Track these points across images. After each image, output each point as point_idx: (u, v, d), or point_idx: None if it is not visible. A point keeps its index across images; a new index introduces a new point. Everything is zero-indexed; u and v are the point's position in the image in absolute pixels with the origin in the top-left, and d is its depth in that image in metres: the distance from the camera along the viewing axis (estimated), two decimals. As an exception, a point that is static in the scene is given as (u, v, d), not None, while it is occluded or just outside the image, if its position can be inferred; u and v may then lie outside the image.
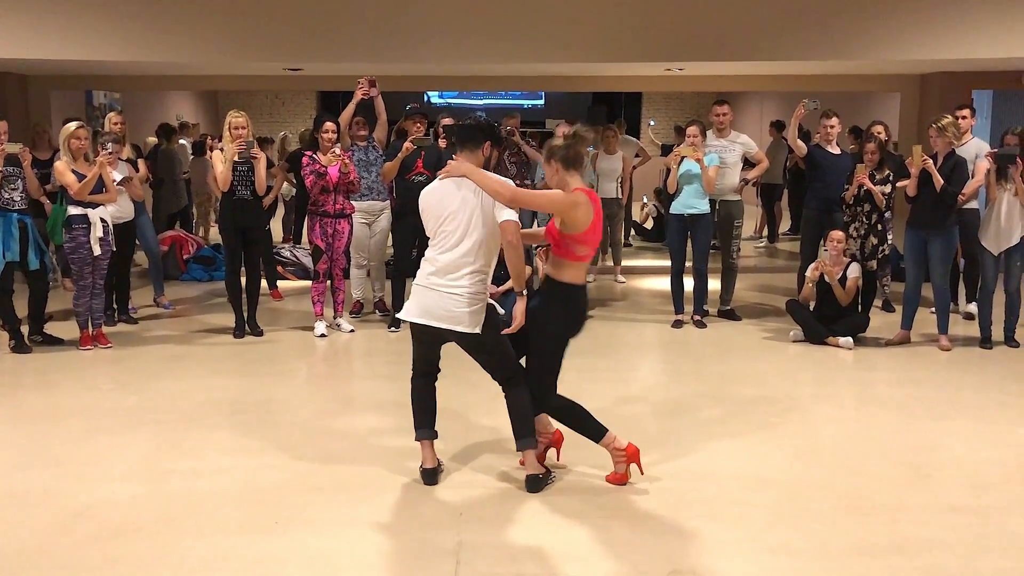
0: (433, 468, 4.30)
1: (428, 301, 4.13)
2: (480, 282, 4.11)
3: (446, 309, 4.09)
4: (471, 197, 4.06)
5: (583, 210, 4.03)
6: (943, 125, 6.59)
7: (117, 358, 6.64)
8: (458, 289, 4.07)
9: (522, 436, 4.22)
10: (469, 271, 4.07)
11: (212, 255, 9.94)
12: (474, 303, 4.09)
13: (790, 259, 12.15)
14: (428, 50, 8.91)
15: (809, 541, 3.68)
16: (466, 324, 4.08)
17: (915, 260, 6.85)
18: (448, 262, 4.09)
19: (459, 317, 4.08)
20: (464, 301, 4.07)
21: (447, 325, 4.10)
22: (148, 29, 8.69)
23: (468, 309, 4.07)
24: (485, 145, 4.19)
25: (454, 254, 4.08)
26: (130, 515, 3.93)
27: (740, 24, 8.78)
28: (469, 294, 4.07)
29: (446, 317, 4.09)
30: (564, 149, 4.11)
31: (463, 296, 4.07)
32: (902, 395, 5.75)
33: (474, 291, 4.08)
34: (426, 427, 4.34)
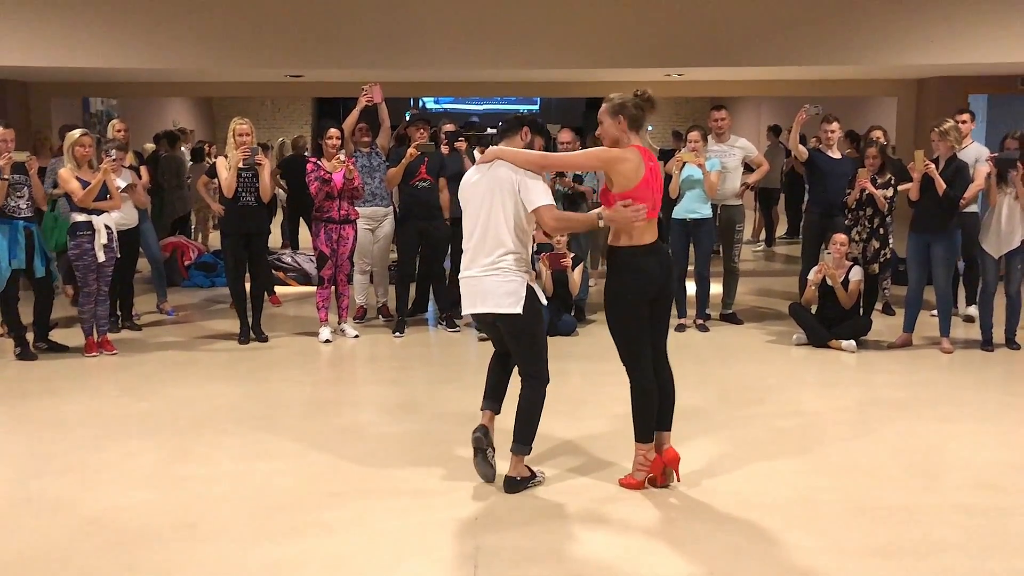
0: (482, 434, 4.28)
1: (469, 289, 4.21)
2: (515, 263, 4.13)
3: (485, 292, 4.15)
4: (495, 182, 4.13)
5: (631, 165, 4.04)
6: (945, 129, 6.65)
7: (123, 365, 6.64)
8: (494, 271, 4.13)
9: (519, 440, 4.24)
10: (501, 253, 4.11)
11: (213, 261, 9.95)
12: (510, 284, 4.11)
13: (787, 263, 12.23)
14: (427, 56, 8.93)
15: (824, 543, 3.71)
16: (505, 305, 4.11)
17: (917, 263, 6.90)
18: (480, 247, 4.16)
19: (498, 299, 4.13)
20: (500, 282, 4.11)
21: (488, 308, 4.17)
22: (149, 36, 8.69)
23: (505, 290, 4.11)
24: (523, 131, 4.25)
25: (485, 238, 4.14)
26: (147, 522, 3.94)
27: (739, 29, 8.83)
28: (504, 275, 4.11)
29: (486, 301, 4.15)
30: (635, 109, 4.12)
31: (498, 277, 4.11)
32: (907, 397, 5.79)
33: (509, 272, 4.11)
34: (487, 399, 4.39)
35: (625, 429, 5.05)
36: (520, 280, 4.13)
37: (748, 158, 7.91)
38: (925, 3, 8.70)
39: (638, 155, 4.08)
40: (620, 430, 5.12)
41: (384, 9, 8.81)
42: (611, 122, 4.14)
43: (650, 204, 4.10)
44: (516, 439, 4.26)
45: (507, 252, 4.12)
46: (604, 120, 4.19)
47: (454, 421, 5.28)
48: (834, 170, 7.64)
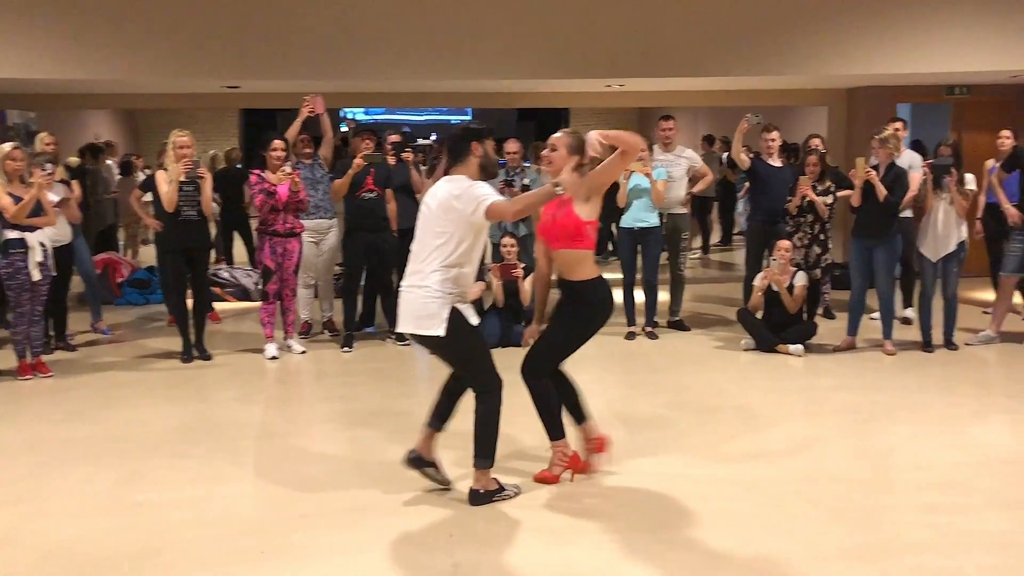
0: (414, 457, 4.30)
1: (401, 305, 4.15)
2: (442, 282, 4.03)
3: (406, 312, 4.10)
4: (443, 194, 4.09)
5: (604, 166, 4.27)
6: (885, 137, 6.83)
7: (60, 387, 6.37)
8: (417, 288, 4.06)
9: (483, 454, 4.20)
10: (433, 269, 4.03)
11: (148, 278, 9.64)
12: (430, 305, 4.01)
13: (724, 269, 12.45)
14: (365, 67, 8.83)
15: (800, 547, 3.74)
16: (424, 327, 4.04)
17: (860, 268, 7.07)
18: (413, 259, 4.14)
19: (417, 320, 4.06)
20: (421, 302, 4.03)
21: (409, 328, 4.12)
22: (75, 46, 8.41)
23: (426, 311, 4.02)
24: (473, 147, 4.15)
25: (424, 252, 4.10)
26: (106, 552, 3.76)
27: (677, 42, 8.96)
28: (426, 294, 4.02)
29: (407, 321, 4.11)
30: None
31: (420, 296, 4.04)
32: (858, 400, 5.91)
33: (431, 291, 4.02)
34: (431, 416, 4.37)
35: (572, 438, 5.06)
36: (441, 301, 4.02)
37: (693, 168, 8.01)
38: (856, 16, 8.95)
39: None
40: (577, 441, 5.10)
41: (320, 21, 8.69)
42: (566, 155, 4.29)
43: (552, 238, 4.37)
44: (476, 453, 4.21)
45: (435, 270, 4.03)
46: (560, 148, 4.30)
47: (414, 437, 5.19)
48: (775, 178, 7.79)
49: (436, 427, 4.36)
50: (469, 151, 4.14)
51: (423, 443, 4.33)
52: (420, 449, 4.33)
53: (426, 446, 4.34)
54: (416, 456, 4.32)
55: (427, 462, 4.33)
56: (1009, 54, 8.94)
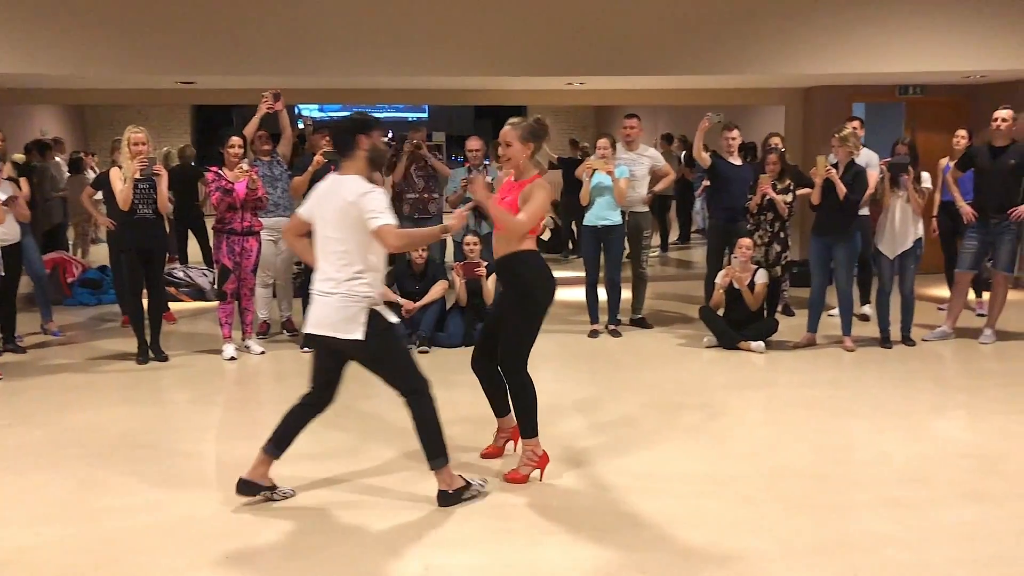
0: (247, 484, 4.13)
1: (315, 309, 4.03)
2: (359, 286, 3.95)
3: (326, 316, 3.97)
4: (341, 200, 3.92)
5: (547, 192, 4.40)
6: (845, 135, 6.91)
7: (10, 390, 6.17)
8: (334, 292, 3.96)
9: (434, 455, 4.09)
10: (347, 277, 3.93)
11: (99, 278, 9.42)
12: (348, 309, 3.93)
13: (682, 267, 12.53)
14: (322, 63, 8.72)
15: (770, 543, 3.75)
16: (343, 330, 3.94)
17: (820, 266, 7.14)
18: (326, 266, 4.00)
19: (335, 324, 3.95)
20: (339, 306, 3.94)
21: (324, 331, 3.98)
22: (24, 40, 8.18)
23: (343, 315, 3.93)
24: (359, 140, 4.00)
25: (331, 259, 3.98)
26: (65, 561, 3.64)
27: (638, 39, 8.98)
28: (344, 299, 3.93)
29: (327, 324, 3.97)
30: (540, 138, 4.43)
31: (338, 301, 3.94)
32: (820, 396, 5.97)
33: (353, 295, 3.94)
34: (274, 443, 4.16)
35: (555, 440, 5.05)
36: (359, 306, 3.94)
37: (655, 167, 8.03)
38: (813, 16, 9.06)
39: (544, 182, 4.42)
40: (550, 441, 5.08)
41: (276, 16, 8.56)
42: (521, 146, 4.35)
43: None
44: (429, 456, 4.11)
45: (348, 277, 3.93)
46: (513, 142, 4.34)
47: (378, 437, 5.14)
48: (736, 176, 7.84)
49: (275, 454, 4.16)
50: (356, 144, 3.99)
51: (257, 467, 4.14)
52: (252, 475, 4.14)
53: (261, 471, 4.15)
54: (244, 484, 4.13)
55: (261, 487, 4.16)
56: (962, 55, 9.11)
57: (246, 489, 4.14)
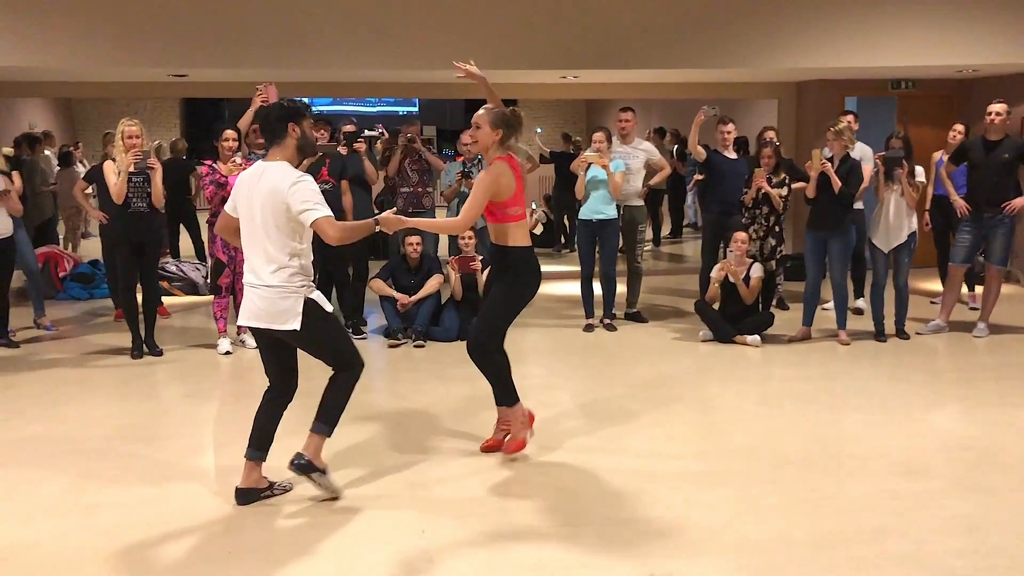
0: (248, 491, 4.11)
1: (247, 301, 4.00)
2: (290, 276, 3.91)
3: (259, 309, 3.95)
4: (266, 196, 3.88)
5: (507, 178, 4.41)
6: (840, 129, 6.92)
7: (3, 385, 6.13)
8: (268, 286, 3.92)
9: (324, 421, 4.11)
10: (274, 268, 3.90)
11: (91, 272, 9.36)
12: (285, 300, 3.91)
13: (675, 261, 12.54)
14: (315, 56, 8.66)
15: (771, 536, 3.76)
16: (279, 322, 3.92)
17: (815, 260, 7.16)
18: (257, 257, 3.95)
19: (271, 316, 3.93)
20: (275, 299, 3.91)
21: (263, 324, 3.96)
22: (13, 32, 8.09)
23: (280, 307, 3.91)
24: (290, 128, 3.94)
25: (262, 250, 3.93)
26: (64, 555, 3.62)
27: (632, 33, 8.96)
28: (278, 292, 3.90)
29: (260, 317, 3.95)
30: (512, 127, 4.48)
31: (274, 294, 3.91)
32: (816, 389, 5.98)
33: (287, 286, 3.91)
34: (253, 446, 4.11)
35: (553, 432, 5.05)
36: (295, 296, 3.91)
37: (651, 161, 8.03)
38: (806, 10, 9.05)
39: (506, 165, 4.43)
40: (542, 434, 5.08)
41: (269, 8, 8.49)
42: (490, 131, 4.46)
43: (523, 204, 4.55)
44: (320, 419, 4.10)
45: (280, 267, 3.90)
46: (483, 126, 4.48)
47: (376, 430, 5.13)
48: (731, 170, 7.84)
49: (261, 458, 4.15)
50: (286, 132, 3.94)
51: (250, 473, 4.13)
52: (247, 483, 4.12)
53: (254, 477, 4.13)
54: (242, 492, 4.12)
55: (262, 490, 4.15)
56: (954, 49, 9.13)
57: (245, 498, 4.09)
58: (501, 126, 4.46)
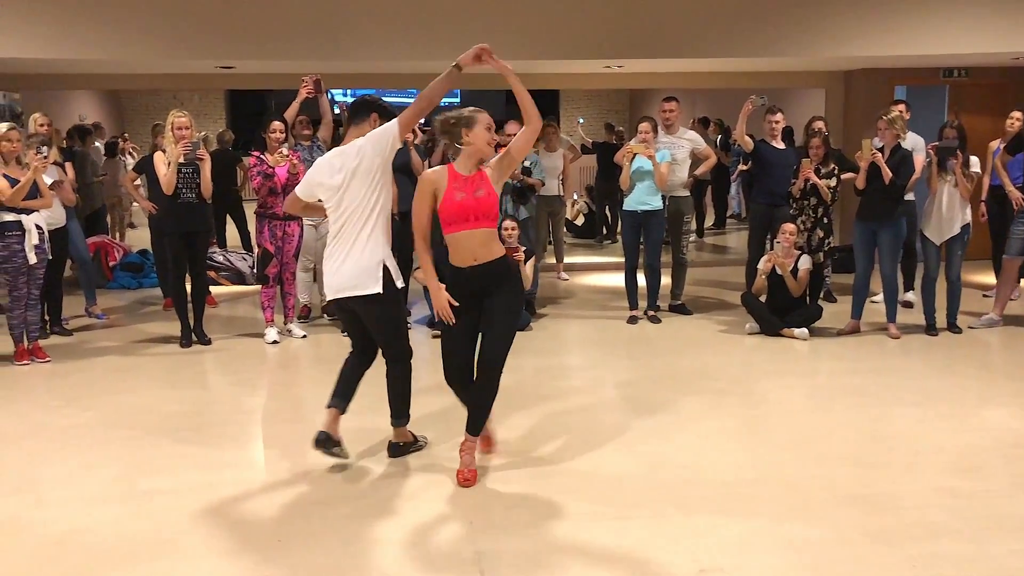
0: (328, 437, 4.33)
1: (331, 275, 4.27)
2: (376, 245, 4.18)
3: (347, 277, 4.20)
4: (349, 164, 4.18)
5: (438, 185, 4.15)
6: (892, 118, 6.78)
7: (58, 373, 6.25)
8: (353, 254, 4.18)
9: (397, 415, 4.49)
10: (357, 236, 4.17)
11: (140, 261, 9.51)
12: (370, 266, 4.16)
13: (717, 252, 12.41)
14: (358, 48, 8.69)
15: (825, 532, 3.71)
16: (363, 287, 4.16)
17: (865, 251, 7.04)
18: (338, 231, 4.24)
19: (357, 283, 4.17)
20: (361, 266, 4.17)
21: (350, 292, 4.20)
22: (67, 26, 8.23)
23: (365, 275, 4.16)
24: (372, 118, 4.33)
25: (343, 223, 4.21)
26: (118, 541, 3.68)
27: (677, 22, 8.87)
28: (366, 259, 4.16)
29: (348, 286, 4.20)
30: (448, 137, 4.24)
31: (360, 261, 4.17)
32: (866, 383, 5.88)
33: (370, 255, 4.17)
34: (338, 396, 4.42)
35: (597, 425, 5.03)
36: (378, 265, 4.18)
37: (696, 151, 7.95)
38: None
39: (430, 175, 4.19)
40: (593, 425, 5.07)
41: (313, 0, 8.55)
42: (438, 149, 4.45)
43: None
44: (395, 414, 4.50)
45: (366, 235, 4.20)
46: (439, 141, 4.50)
47: (420, 422, 5.14)
48: (779, 160, 7.73)
49: (342, 408, 4.42)
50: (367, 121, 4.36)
51: (330, 423, 4.36)
52: (328, 429, 4.35)
53: (333, 426, 4.37)
54: (325, 436, 4.33)
55: (334, 442, 4.36)
56: (1010, 35, 8.90)
57: (325, 442, 4.32)
58: (444, 135, 4.28)
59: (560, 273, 9.94)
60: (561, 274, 9.94)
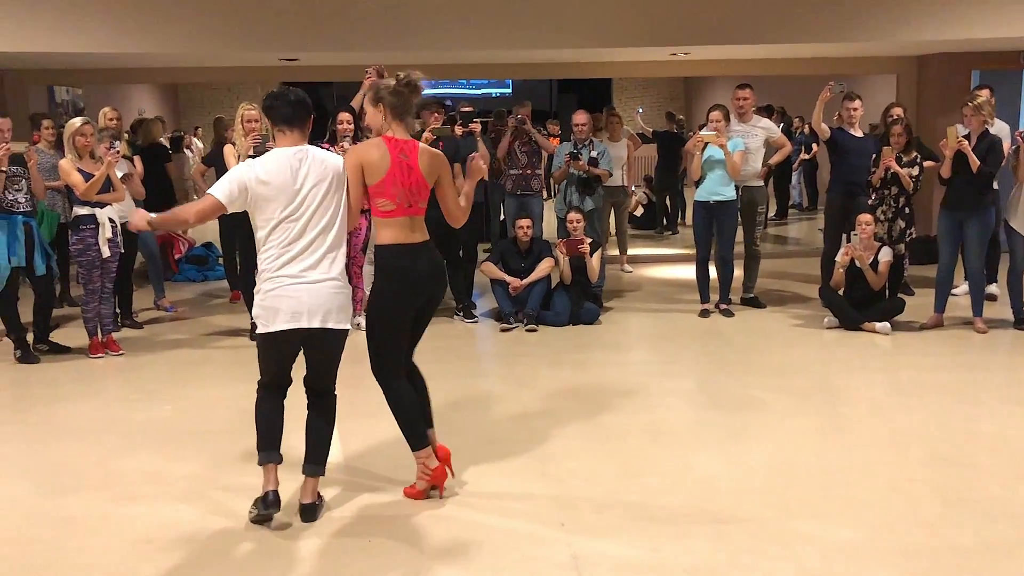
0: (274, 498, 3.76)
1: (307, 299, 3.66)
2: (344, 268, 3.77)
3: (326, 305, 3.68)
4: (327, 168, 3.69)
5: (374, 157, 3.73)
6: (979, 104, 6.51)
7: (132, 366, 6.27)
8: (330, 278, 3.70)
9: (313, 461, 3.87)
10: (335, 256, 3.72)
11: (205, 254, 9.55)
12: (345, 293, 3.76)
13: (779, 243, 12.14)
14: (423, 38, 8.61)
15: (935, 539, 3.53)
16: (338, 320, 3.72)
17: (950, 242, 6.78)
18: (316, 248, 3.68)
19: (333, 312, 3.71)
20: (340, 292, 3.72)
21: (331, 324, 3.71)
22: (132, 19, 8.26)
23: (342, 302, 3.73)
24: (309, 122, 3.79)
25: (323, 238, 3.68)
26: (209, 537, 3.64)
27: (742, 7, 8.65)
28: (342, 284, 3.73)
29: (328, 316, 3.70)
30: (393, 96, 3.78)
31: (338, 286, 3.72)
32: (957, 379, 5.66)
33: (344, 280, 3.75)
34: (273, 449, 3.86)
35: (679, 423, 4.90)
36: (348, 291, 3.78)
37: (771, 139, 7.74)
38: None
39: (382, 146, 3.75)
40: (676, 424, 4.93)
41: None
42: (373, 111, 3.86)
43: (402, 199, 3.77)
44: (317, 460, 3.88)
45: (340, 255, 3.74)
46: (368, 109, 3.90)
47: (502, 416, 5.05)
48: (857, 149, 7.48)
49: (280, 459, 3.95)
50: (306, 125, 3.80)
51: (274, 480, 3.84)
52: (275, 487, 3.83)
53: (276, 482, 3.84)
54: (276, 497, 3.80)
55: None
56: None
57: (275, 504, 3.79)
58: (378, 101, 3.82)
59: (624, 265, 9.78)
60: (625, 266, 9.78)
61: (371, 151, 3.77)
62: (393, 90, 3.79)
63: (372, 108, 3.85)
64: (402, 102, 3.81)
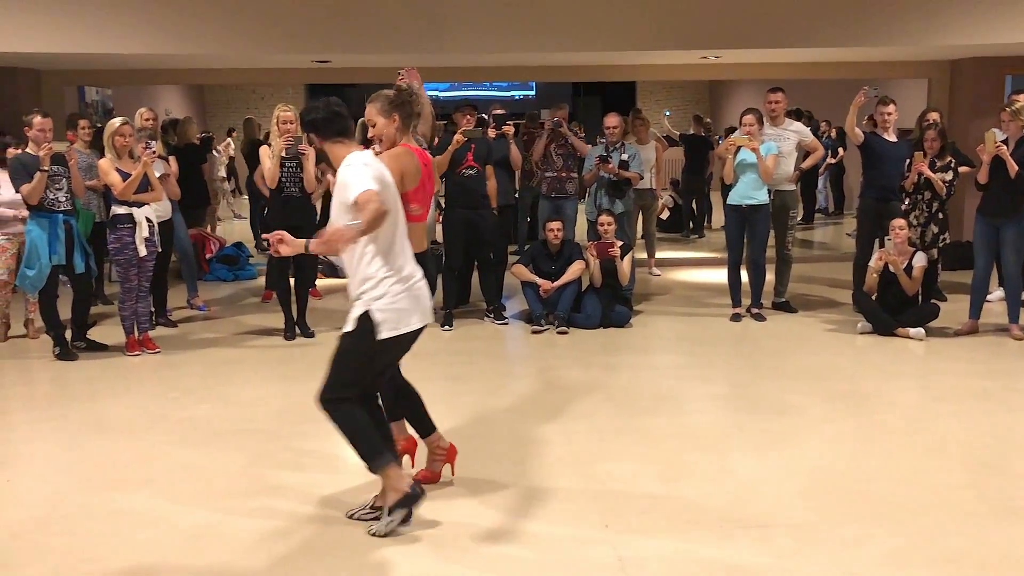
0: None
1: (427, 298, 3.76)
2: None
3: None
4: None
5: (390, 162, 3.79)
6: (1018, 109, 6.47)
7: (168, 364, 6.33)
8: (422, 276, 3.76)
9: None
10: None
11: (236, 254, 9.62)
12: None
13: (807, 248, 12.08)
14: (451, 41, 8.65)
15: (984, 548, 3.51)
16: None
17: (985, 248, 6.74)
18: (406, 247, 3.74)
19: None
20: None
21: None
22: (156, 21, 8.35)
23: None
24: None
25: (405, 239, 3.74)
26: (258, 536, 3.67)
27: (774, 11, 8.64)
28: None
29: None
30: (408, 106, 3.91)
31: None
32: (993, 387, 5.62)
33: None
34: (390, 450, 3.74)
35: (717, 426, 4.89)
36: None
37: (803, 143, 7.71)
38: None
39: (412, 155, 3.94)
40: (712, 427, 4.93)
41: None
42: (385, 121, 3.89)
43: (426, 204, 4.04)
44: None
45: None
46: (377, 120, 3.89)
47: (538, 418, 5.06)
48: (891, 153, 7.44)
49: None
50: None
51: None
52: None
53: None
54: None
55: None
56: None
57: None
58: (393, 110, 3.88)
59: (652, 268, 9.77)
60: (653, 269, 9.77)
61: (406, 160, 3.94)
62: (404, 100, 3.91)
63: (384, 119, 3.89)
64: (411, 111, 3.97)
